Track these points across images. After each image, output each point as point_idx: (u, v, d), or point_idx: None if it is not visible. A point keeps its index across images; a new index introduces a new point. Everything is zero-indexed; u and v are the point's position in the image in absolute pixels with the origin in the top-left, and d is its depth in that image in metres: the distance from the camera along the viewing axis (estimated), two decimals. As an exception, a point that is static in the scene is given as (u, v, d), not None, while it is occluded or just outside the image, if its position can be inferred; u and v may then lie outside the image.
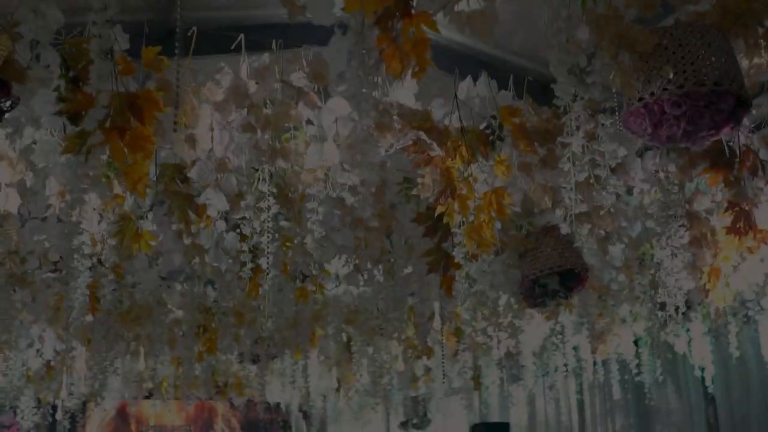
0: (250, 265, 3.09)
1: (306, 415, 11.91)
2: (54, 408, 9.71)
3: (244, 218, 3.97)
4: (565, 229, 2.76)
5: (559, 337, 6.92)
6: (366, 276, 4.74)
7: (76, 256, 3.58)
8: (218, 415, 11.88)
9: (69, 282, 3.91)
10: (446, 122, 3.03)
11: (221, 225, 3.57)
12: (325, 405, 10.65)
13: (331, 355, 7.66)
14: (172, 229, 4.16)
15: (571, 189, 2.27)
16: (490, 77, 3.08)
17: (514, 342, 7.13)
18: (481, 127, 3.08)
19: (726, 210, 3.32)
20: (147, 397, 10.63)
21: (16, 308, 5.13)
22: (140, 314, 5.97)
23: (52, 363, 6.90)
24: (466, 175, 3.01)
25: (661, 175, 3.27)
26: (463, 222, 3.03)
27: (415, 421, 11.14)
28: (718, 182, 3.27)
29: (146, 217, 3.60)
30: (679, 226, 3.31)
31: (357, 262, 4.64)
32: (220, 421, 11.89)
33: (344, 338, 7.21)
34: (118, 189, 3.44)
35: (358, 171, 2.44)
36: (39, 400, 9.14)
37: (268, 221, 3.43)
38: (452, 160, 3.02)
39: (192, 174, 2.85)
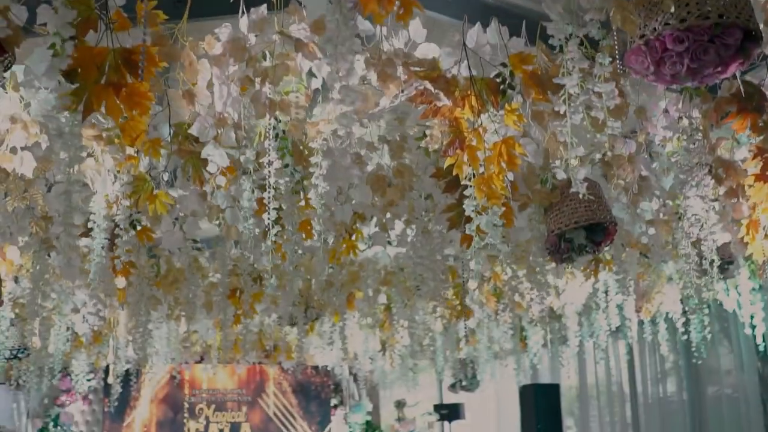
0: (269, 224, 3.02)
1: (357, 378, 11.97)
2: (107, 373, 9.91)
3: (263, 177, 3.97)
4: (578, 186, 2.64)
5: (603, 296, 6.77)
6: (394, 236, 4.69)
7: (92, 217, 3.61)
8: (270, 379, 12.02)
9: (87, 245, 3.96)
10: (454, 71, 2.92)
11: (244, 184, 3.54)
12: (374, 367, 10.66)
13: (372, 317, 7.63)
14: (193, 191, 4.16)
15: (567, 133, 2.15)
16: (500, 24, 2.96)
17: (556, 302, 7.06)
18: (492, 75, 2.97)
19: (754, 157, 3.16)
20: (198, 362, 10.81)
21: (54, 273, 5.21)
22: (177, 278, 6.02)
23: (96, 328, 6.98)
24: (475, 125, 2.91)
25: (685, 121, 3.12)
26: (474, 174, 2.93)
27: (464, 383, 11.11)
28: (745, 127, 3.11)
29: (162, 177, 3.59)
30: (705, 174, 3.15)
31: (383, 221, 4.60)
32: (272, 384, 12.03)
33: (384, 300, 7.17)
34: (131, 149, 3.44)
35: (346, 122, 2.36)
36: (92, 365, 9.32)
37: (284, 178, 3.39)
38: (461, 110, 2.92)
39: (192, 130, 2.81)
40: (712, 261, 4.08)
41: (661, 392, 9.02)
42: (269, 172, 2.75)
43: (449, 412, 12.32)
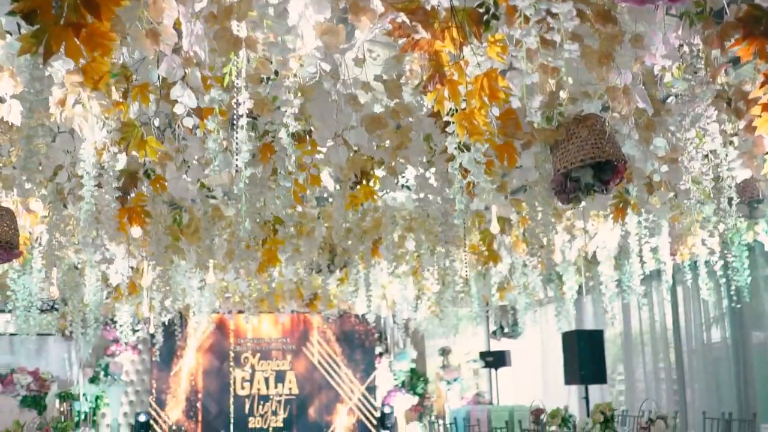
0: (240, 167, 2.94)
1: (401, 326, 11.98)
2: (156, 324, 10.08)
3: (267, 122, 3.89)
4: (533, 116, 2.49)
5: (636, 239, 6.57)
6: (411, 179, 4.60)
7: (81, 164, 3.58)
8: (314, 328, 12.09)
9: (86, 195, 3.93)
10: (434, 2, 2.78)
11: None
12: (415, 315, 10.63)
13: (404, 264, 7.56)
14: (195, 138, 4.11)
15: (523, 56, 2.00)
16: (484, -50, 2.80)
17: (591, 246, 6.89)
18: (474, 5, 2.82)
19: (762, 85, 2.96)
20: (241, 312, 10.91)
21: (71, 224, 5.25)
22: (199, 228, 6.03)
23: (127, 279, 7.06)
24: (457, 59, 2.77)
25: (686, 48, 2.93)
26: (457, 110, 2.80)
27: (506, 330, 11.03)
28: (751, 54, 2.91)
29: (152, 123, 3.53)
30: (707, 105, 2.97)
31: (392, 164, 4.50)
32: (316, 333, 12.11)
33: (412, 246, 7.09)
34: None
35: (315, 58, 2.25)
36: (134, 316, 9.46)
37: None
38: (441, 43, 2.78)
39: (160, 71, 2.73)
40: (731, 199, 3.89)
41: (706, 338, 8.81)
42: (240, 113, 2.65)
43: (495, 360, 12.28)
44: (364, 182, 4.97)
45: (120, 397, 11.54)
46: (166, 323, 10.70)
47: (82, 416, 11.02)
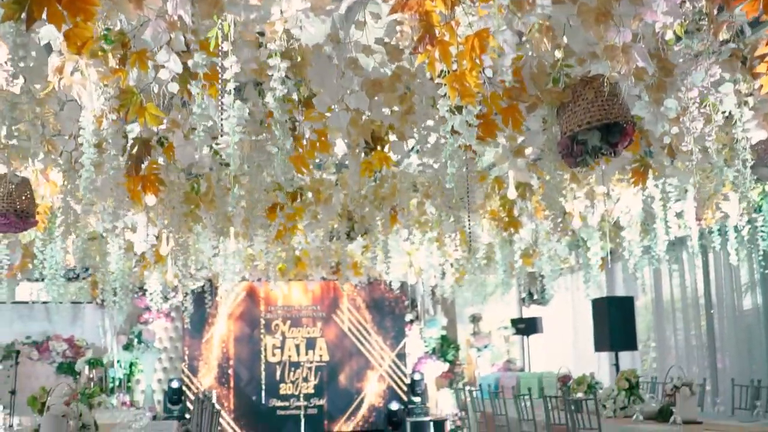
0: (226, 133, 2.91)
1: (430, 293, 11.95)
2: (184, 291, 10.18)
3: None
4: (505, 74, 2.41)
5: (661, 204, 6.45)
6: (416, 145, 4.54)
7: (81, 132, 3.58)
8: (343, 295, 12.13)
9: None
10: (424, -40, 2.71)
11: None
12: (442, 282, 10.59)
13: (424, 230, 7.51)
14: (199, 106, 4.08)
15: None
16: None
17: (616, 212, 6.77)
18: (466, -37, 2.74)
19: (769, 41, 2.85)
20: (269, 280, 10.97)
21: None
22: (216, 195, 6.02)
23: (150, 247, 7.08)
24: (448, 19, 2.70)
25: (688, 4, 2.82)
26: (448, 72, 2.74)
27: (535, 296, 10.96)
28: (757, 9, 2.80)
29: (152, 90, 3.51)
30: (711, 63, 2.86)
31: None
32: (346, 300, 12.14)
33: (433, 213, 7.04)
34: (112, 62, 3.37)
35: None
36: (164, 284, 9.55)
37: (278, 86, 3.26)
38: (432, 2, 2.71)
39: (146, 36, 2.70)
40: (745, 161, 3.78)
41: (737, 304, 8.66)
42: (226, 77, 2.62)
43: (526, 327, 12.22)
44: (378, 148, 4.93)
45: (153, 363, 11.72)
46: (195, 291, 10.84)
47: (117, 383, 11.21)
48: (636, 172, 5.57)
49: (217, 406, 11.30)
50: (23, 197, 4.98)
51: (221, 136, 2.94)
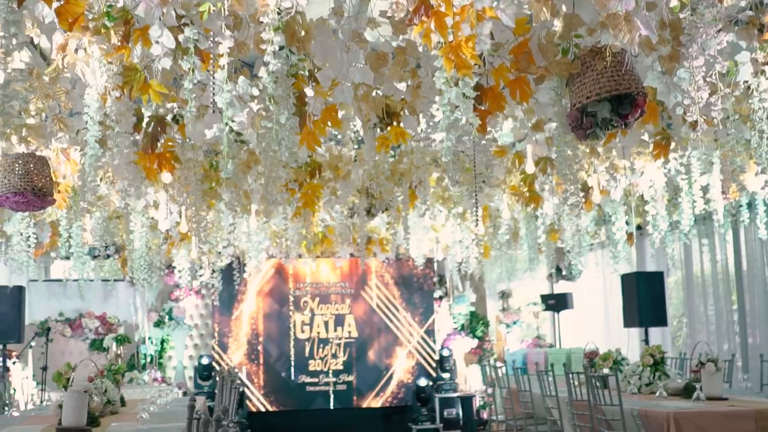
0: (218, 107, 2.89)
1: (458, 270, 11.89)
2: (211, 269, 10.24)
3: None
4: (483, 44, 2.35)
5: (686, 178, 6.32)
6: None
7: (86, 110, 3.58)
8: (372, 272, 12.13)
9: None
10: (419, -71, 2.66)
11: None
12: (469, 258, 10.55)
13: (448, 206, 7.46)
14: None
15: None
16: None
17: (640, 186, 6.66)
18: (462, -69, 2.68)
19: (777, 7, 2.75)
20: (298, 257, 11.02)
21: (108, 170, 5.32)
22: (235, 172, 6.02)
23: (173, 224, 7.12)
24: (444, -12, 2.65)
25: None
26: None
27: (564, 272, 10.87)
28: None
29: (156, 66, 3.50)
30: (718, 31, 2.77)
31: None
32: (374, 277, 12.15)
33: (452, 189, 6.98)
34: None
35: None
36: (192, 261, 9.61)
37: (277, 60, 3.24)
38: (427, -28, 2.66)
39: (138, 11, 2.69)
40: (762, 132, 3.68)
41: (768, 279, 8.51)
42: (220, 52, 2.59)
43: (556, 303, 12.14)
44: (394, 123, 4.89)
45: (184, 340, 11.85)
46: (223, 269, 10.91)
47: (148, 359, 11.36)
48: (658, 145, 5.46)
49: (246, 381, 11.43)
50: (41, 175, 5.03)
51: (212, 112, 2.91)
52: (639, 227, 8.81)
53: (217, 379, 11.15)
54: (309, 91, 4.12)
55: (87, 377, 6.25)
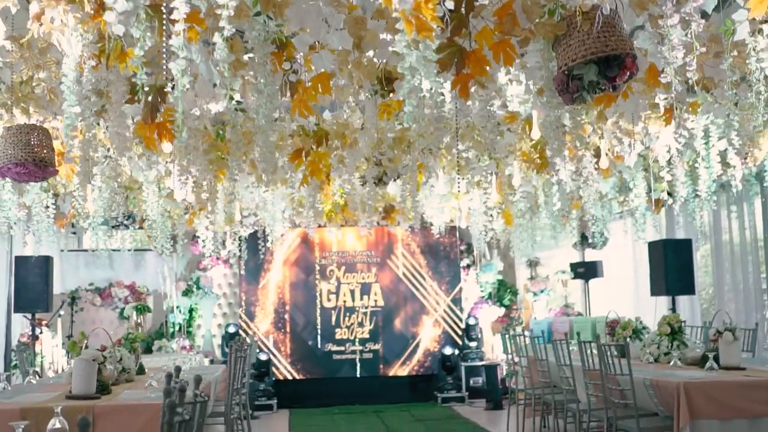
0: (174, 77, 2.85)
1: (484, 238, 11.78)
2: (233, 238, 10.29)
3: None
4: None
5: (704, 143, 6.15)
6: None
7: (63, 80, 3.56)
8: (398, 240, 12.09)
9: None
10: None
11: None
12: (492, 225, 10.44)
13: (464, 174, 7.35)
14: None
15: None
16: None
17: (657, 151, 6.50)
18: None
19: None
20: (321, 226, 11.02)
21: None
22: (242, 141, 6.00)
23: (187, 195, 7.13)
24: (404, -52, 2.57)
25: None
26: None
27: (590, 240, 10.71)
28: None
29: (132, 36, 3.46)
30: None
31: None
32: (400, 245, 12.11)
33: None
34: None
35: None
36: (214, 231, 9.65)
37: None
38: (387, -69, 2.58)
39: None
40: (759, 93, 3.54)
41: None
42: (176, 17, 2.55)
43: (586, 271, 12.00)
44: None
45: (212, 309, 11.96)
46: (247, 238, 10.96)
47: (177, 328, 11.49)
48: (669, 110, 5.31)
49: (272, 349, 11.51)
50: (42, 146, 5.06)
51: (166, 78, 2.87)
52: (671, 195, 8.61)
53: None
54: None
55: (99, 346, 6.33)
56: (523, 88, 5.33)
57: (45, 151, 5.07)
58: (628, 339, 7.66)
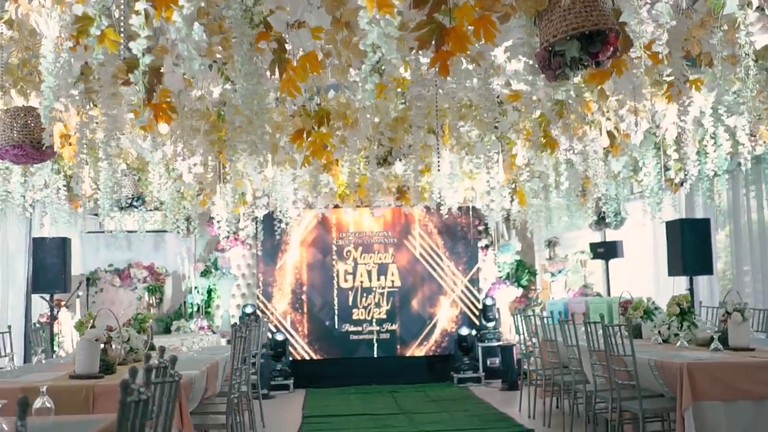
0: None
1: (506, 218, 11.71)
2: (245, 219, 10.32)
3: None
4: None
5: (712, 121, 6.04)
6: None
7: (42, 60, 3.56)
8: (415, 221, 12.06)
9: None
10: None
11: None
12: (508, 205, 10.36)
13: (472, 154, 7.30)
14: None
15: None
16: None
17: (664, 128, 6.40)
18: None
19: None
20: (337, 206, 11.01)
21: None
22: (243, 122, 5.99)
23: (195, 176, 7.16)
24: None
25: None
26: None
27: (607, 219, 10.58)
28: None
29: (112, 16, 3.46)
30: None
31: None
32: (417, 226, 12.07)
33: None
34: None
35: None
36: (231, 212, 9.67)
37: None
38: None
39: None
40: (748, 68, 3.45)
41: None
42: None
43: (606, 251, 11.88)
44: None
45: (231, 289, 12.02)
46: (262, 219, 10.99)
47: (195, 308, 11.57)
48: (672, 86, 5.21)
49: (290, 330, 11.55)
50: (39, 129, 5.08)
51: (123, 59, 2.85)
52: (683, 174, 8.46)
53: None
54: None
55: (106, 326, 6.37)
56: (522, 65, 5.27)
57: (42, 132, 5.10)
58: (639, 319, 7.59)
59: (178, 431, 5.01)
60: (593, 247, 11.92)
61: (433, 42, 3.43)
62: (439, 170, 7.00)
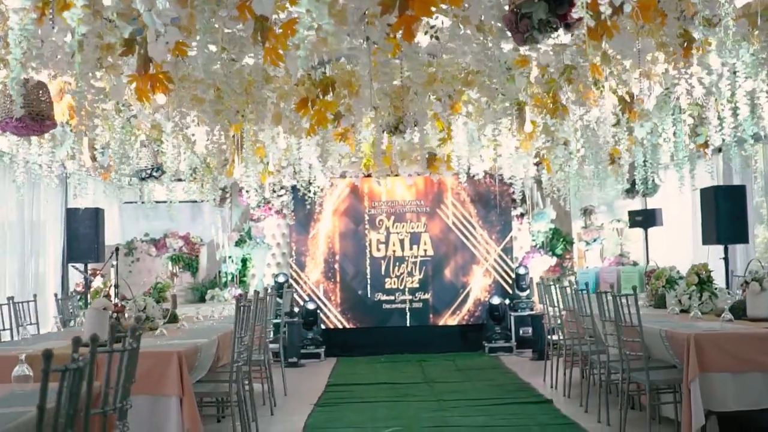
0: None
1: (540, 186, 11.54)
2: (272, 189, 10.36)
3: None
4: None
5: (728, 84, 5.83)
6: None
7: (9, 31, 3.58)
8: (448, 190, 11.97)
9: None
10: None
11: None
12: (538, 174, 10.21)
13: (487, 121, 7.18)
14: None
15: None
16: None
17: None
18: None
19: None
20: (367, 176, 10.98)
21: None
22: (246, 90, 5.99)
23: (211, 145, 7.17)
24: None
25: None
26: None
27: (637, 187, 10.34)
28: None
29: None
30: None
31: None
32: (450, 195, 11.98)
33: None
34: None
35: None
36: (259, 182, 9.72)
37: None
38: None
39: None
40: (728, 28, 3.31)
41: None
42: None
43: (644, 219, 11.64)
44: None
45: (265, 259, 12.12)
46: (291, 189, 11.04)
47: (229, 277, 11.70)
48: (686, 49, 5.03)
49: (323, 299, 11.61)
50: (40, 100, 5.15)
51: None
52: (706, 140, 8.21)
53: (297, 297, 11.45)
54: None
55: (120, 295, 6.49)
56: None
57: (43, 104, 5.16)
58: (662, 288, 7.44)
59: (179, 399, 5.07)
60: (632, 215, 11.69)
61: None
62: (452, 139, 6.89)
